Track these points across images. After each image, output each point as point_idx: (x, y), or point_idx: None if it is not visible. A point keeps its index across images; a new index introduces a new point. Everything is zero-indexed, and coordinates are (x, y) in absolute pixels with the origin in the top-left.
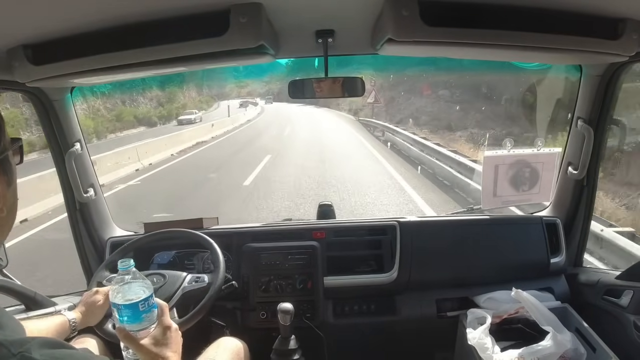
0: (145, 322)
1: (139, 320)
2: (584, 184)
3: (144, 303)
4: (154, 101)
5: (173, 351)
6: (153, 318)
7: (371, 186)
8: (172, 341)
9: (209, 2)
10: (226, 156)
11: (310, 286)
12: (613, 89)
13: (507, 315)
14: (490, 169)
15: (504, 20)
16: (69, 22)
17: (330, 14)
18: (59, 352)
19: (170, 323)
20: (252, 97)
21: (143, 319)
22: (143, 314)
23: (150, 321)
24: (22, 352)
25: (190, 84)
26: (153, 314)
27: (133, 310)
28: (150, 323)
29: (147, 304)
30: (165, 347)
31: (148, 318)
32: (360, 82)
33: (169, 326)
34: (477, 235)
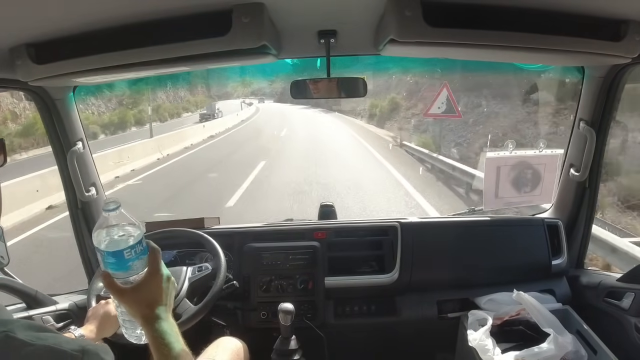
0: (132, 271)
1: (124, 269)
2: (586, 185)
3: (130, 250)
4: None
5: (163, 304)
6: (141, 266)
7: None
8: (162, 292)
9: (212, 2)
10: (214, 162)
11: (311, 286)
12: (615, 91)
13: (508, 317)
14: (492, 170)
15: (506, 22)
16: (72, 21)
17: (332, 15)
18: (43, 334)
19: (161, 270)
20: (245, 97)
21: (129, 267)
22: (129, 261)
23: (138, 269)
24: (6, 332)
25: (182, 83)
26: (141, 261)
27: (117, 257)
28: (138, 271)
29: (133, 251)
30: (153, 299)
31: (135, 266)
32: (362, 82)
33: (160, 274)
34: (479, 236)
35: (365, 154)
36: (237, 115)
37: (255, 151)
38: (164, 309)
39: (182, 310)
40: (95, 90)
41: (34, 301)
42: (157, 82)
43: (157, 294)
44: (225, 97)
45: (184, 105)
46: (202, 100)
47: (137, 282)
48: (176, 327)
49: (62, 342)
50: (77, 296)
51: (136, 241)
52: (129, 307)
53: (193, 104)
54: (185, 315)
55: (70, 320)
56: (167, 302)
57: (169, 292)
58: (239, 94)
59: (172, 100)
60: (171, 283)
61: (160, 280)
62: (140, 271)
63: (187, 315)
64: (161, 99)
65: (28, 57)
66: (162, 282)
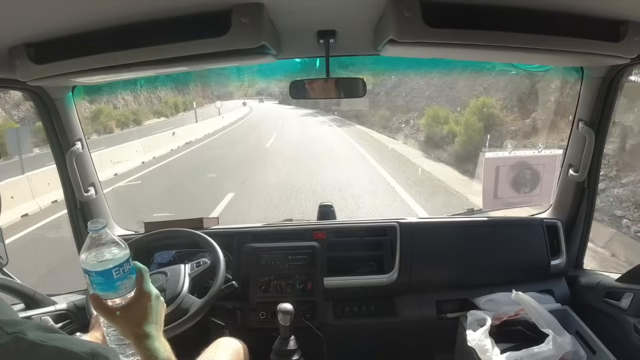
0: (121, 291)
1: (113, 289)
2: (585, 186)
3: (119, 269)
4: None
5: (153, 322)
6: (130, 286)
7: None
8: (152, 311)
9: (211, 2)
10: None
11: (310, 287)
12: (614, 91)
13: (507, 317)
14: (491, 170)
15: (505, 22)
16: (71, 21)
17: (331, 15)
18: (53, 335)
19: (150, 290)
20: (248, 96)
21: (118, 287)
22: (118, 281)
23: (127, 289)
24: (16, 333)
25: (178, 82)
26: (130, 281)
27: (106, 277)
28: (127, 291)
29: (121, 270)
30: (143, 318)
31: (124, 286)
32: (362, 83)
33: (148, 293)
34: (478, 236)
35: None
36: (222, 118)
37: (225, 175)
38: (155, 327)
39: (187, 305)
40: (94, 90)
41: (33, 301)
42: (150, 81)
43: (146, 313)
44: (227, 97)
45: (158, 108)
46: (190, 101)
47: (127, 301)
48: (167, 345)
49: (73, 344)
50: (75, 296)
51: (123, 260)
52: (120, 327)
53: (171, 106)
54: (193, 309)
55: (70, 320)
56: (157, 320)
57: (159, 310)
58: (239, 94)
59: (143, 103)
60: (160, 302)
61: (149, 299)
62: (129, 290)
63: (194, 309)
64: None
65: (27, 57)
66: (152, 301)
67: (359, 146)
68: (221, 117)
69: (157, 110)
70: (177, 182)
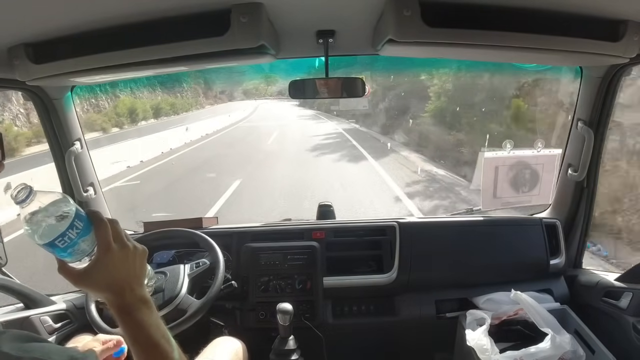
0: (77, 255)
1: (68, 256)
2: (584, 185)
3: (61, 239)
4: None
5: (128, 283)
6: (86, 247)
7: None
8: (123, 268)
9: (210, 2)
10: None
11: (310, 286)
12: (613, 91)
13: (506, 316)
14: (490, 170)
15: (505, 22)
16: (70, 20)
17: (331, 15)
18: (30, 345)
19: (112, 244)
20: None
21: (71, 253)
22: (68, 248)
23: (84, 252)
24: None
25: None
26: (83, 244)
27: (53, 247)
28: (84, 254)
29: (67, 237)
30: (113, 279)
31: (80, 249)
32: (361, 82)
33: (111, 248)
34: (477, 236)
35: None
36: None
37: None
38: (131, 288)
39: (186, 306)
40: (93, 90)
41: (32, 301)
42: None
43: (115, 274)
44: (240, 97)
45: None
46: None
47: (90, 263)
48: (152, 308)
49: (51, 353)
50: (75, 296)
51: (67, 224)
52: (89, 291)
53: (151, 110)
54: (191, 310)
55: (69, 320)
56: (133, 278)
57: (132, 265)
58: (256, 94)
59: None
60: (132, 254)
61: (112, 257)
62: (88, 252)
63: (193, 310)
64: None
65: (26, 56)
66: (118, 258)
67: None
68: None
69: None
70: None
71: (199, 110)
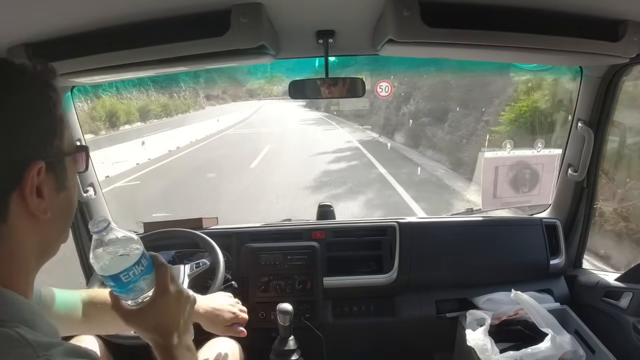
0: (135, 292)
1: (125, 292)
2: (584, 185)
3: (127, 273)
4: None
5: (174, 327)
6: (145, 286)
7: None
8: (173, 313)
9: (210, 2)
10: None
11: (310, 287)
12: (613, 91)
13: (506, 316)
14: (490, 170)
15: (505, 22)
16: (70, 21)
17: (330, 15)
18: None
19: (169, 288)
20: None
21: (131, 289)
22: (129, 284)
23: (143, 290)
24: (47, 356)
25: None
26: (146, 281)
27: (115, 281)
28: (142, 293)
29: (131, 273)
30: (162, 321)
31: (138, 287)
32: (361, 82)
33: (167, 292)
34: (477, 236)
35: None
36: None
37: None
38: (178, 333)
39: None
40: (93, 90)
41: None
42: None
43: (166, 317)
44: (245, 98)
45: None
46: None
47: (143, 304)
48: (194, 352)
49: None
50: None
51: (134, 261)
52: (137, 331)
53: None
54: None
55: None
56: (181, 325)
57: (185, 312)
58: (262, 94)
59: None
60: (185, 300)
61: (169, 301)
62: (145, 292)
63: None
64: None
65: (26, 56)
66: (172, 303)
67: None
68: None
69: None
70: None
71: (196, 112)
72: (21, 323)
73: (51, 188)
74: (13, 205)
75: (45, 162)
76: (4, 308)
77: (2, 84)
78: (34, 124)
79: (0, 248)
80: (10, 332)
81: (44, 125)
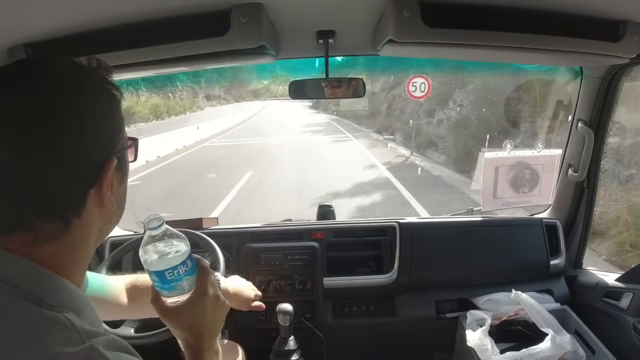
0: (175, 291)
1: (166, 289)
2: (585, 185)
3: (172, 272)
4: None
5: (207, 330)
6: (188, 286)
7: None
8: (208, 316)
9: (210, 2)
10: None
11: (310, 287)
12: (614, 91)
13: (506, 317)
14: (491, 170)
15: (505, 22)
16: (70, 21)
17: (331, 15)
18: (124, 356)
19: (208, 291)
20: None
21: (173, 287)
22: (172, 282)
23: (182, 290)
24: (92, 344)
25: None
26: (186, 282)
27: (160, 277)
28: (182, 293)
29: (175, 272)
30: (194, 324)
31: (180, 286)
32: (361, 83)
33: (206, 295)
34: (477, 236)
35: None
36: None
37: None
38: (209, 336)
39: None
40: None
41: None
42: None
43: (201, 318)
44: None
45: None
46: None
47: (182, 302)
48: (220, 356)
49: None
50: None
51: (181, 260)
52: (171, 328)
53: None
54: None
55: None
56: (214, 327)
57: (218, 316)
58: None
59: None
60: (221, 305)
61: (206, 303)
62: (185, 291)
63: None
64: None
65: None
66: (209, 306)
67: None
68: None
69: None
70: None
71: (194, 113)
72: (71, 310)
73: (118, 181)
74: (90, 201)
75: (117, 158)
76: (58, 295)
77: (86, 85)
78: (112, 122)
79: (69, 239)
80: (59, 316)
81: (117, 123)
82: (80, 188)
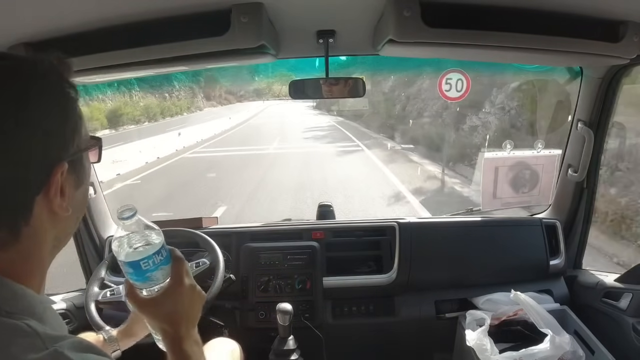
0: (151, 281)
1: (141, 280)
2: (584, 186)
3: (147, 261)
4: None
5: (184, 318)
6: (162, 276)
7: None
8: (185, 304)
9: (210, 2)
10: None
11: (309, 286)
12: (614, 92)
13: (506, 317)
14: (490, 170)
15: (505, 22)
16: (70, 20)
17: (331, 15)
18: (89, 356)
19: (184, 281)
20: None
21: (148, 277)
22: (147, 272)
23: (158, 280)
24: (56, 348)
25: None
26: (162, 271)
27: (134, 268)
28: (157, 283)
29: (151, 262)
30: (173, 311)
31: (155, 277)
32: (361, 82)
33: (182, 285)
34: (477, 236)
35: None
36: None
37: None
38: (187, 325)
39: None
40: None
41: None
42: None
43: (178, 307)
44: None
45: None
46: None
47: (157, 293)
48: (201, 346)
49: None
50: (74, 295)
51: (154, 250)
52: (148, 320)
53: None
54: None
55: (69, 320)
56: (191, 316)
57: (194, 305)
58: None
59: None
60: (197, 294)
61: (182, 292)
62: (160, 282)
63: None
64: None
65: None
66: (185, 295)
67: None
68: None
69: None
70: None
71: (193, 114)
72: (32, 317)
73: (71, 186)
74: (37, 208)
75: (67, 162)
76: (17, 302)
77: (34, 85)
78: (63, 123)
79: (21, 248)
80: (19, 323)
81: (70, 124)
82: (25, 194)
